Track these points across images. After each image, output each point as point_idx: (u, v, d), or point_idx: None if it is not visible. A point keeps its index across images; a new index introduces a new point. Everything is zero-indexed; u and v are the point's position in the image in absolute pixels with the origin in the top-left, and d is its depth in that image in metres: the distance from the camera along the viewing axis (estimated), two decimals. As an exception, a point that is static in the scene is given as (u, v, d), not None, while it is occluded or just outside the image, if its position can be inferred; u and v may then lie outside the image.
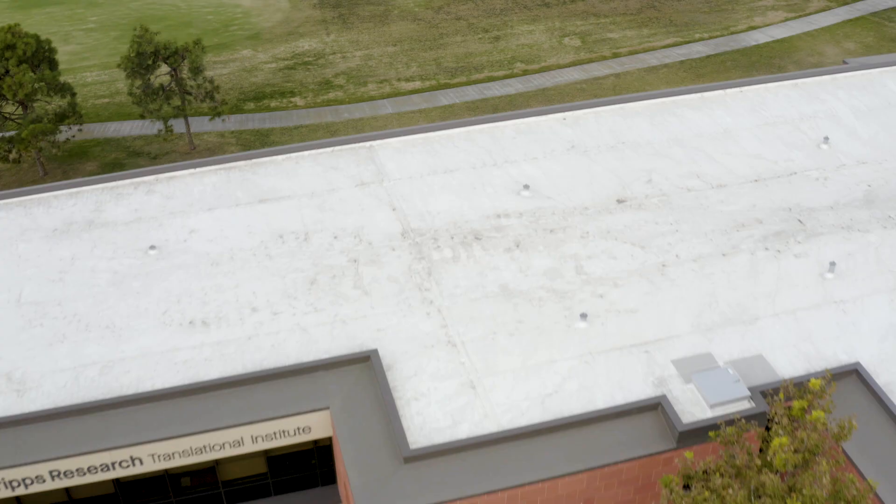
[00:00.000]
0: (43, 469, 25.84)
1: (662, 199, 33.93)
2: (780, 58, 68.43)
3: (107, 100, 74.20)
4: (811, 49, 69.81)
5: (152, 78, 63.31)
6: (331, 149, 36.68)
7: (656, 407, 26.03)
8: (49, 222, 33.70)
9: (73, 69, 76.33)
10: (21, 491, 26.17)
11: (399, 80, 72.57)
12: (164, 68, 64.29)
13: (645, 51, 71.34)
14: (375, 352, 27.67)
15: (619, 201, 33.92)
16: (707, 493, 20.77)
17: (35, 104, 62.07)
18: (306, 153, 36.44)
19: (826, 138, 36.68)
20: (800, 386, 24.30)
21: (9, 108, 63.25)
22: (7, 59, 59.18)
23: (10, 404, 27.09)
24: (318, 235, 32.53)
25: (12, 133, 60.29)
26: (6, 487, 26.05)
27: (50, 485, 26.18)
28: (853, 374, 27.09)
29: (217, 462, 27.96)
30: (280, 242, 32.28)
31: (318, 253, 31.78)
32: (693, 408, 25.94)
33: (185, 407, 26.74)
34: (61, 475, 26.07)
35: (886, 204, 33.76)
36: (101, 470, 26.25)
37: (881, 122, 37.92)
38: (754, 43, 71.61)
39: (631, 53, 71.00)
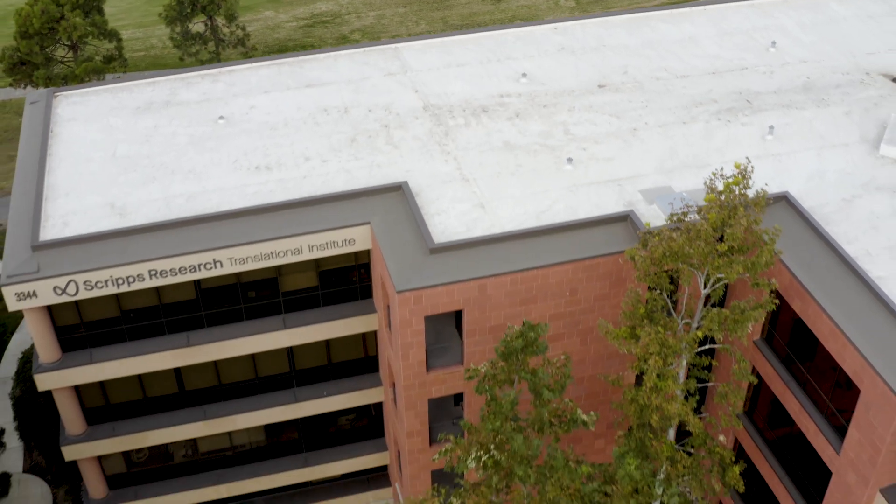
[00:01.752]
0: (143, 268, 33.01)
1: (635, 85, 41.35)
2: None
3: (143, 53, 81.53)
4: None
5: (191, 25, 70.72)
6: (363, 49, 44.11)
7: (625, 218, 33.35)
8: (133, 103, 41.05)
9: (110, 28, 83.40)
10: (125, 288, 33.32)
11: (409, 35, 79.74)
12: (201, 17, 71.57)
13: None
14: (406, 183, 35.02)
15: (600, 86, 41.34)
16: (659, 241, 28.01)
17: (85, 47, 69.49)
18: (343, 52, 43.89)
19: (773, 42, 44.12)
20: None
21: (60, 52, 70.71)
22: (62, 5, 66.42)
23: (116, 222, 34.38)
24: (355, 109, 39.91)
25: (65, 74, 67.69)
26: (113, 284, 33.23)
27: (148, 283, 33.38)
28: (783, 200, 34.42)
29: (279, 273, 35.24)
30: (325, 114, 39.67)
31: (355, 121, 39.17)
32: (654, 219, 33.27)
33: (256, 223, 34.06)
34: (157, 274, 33.24)
35: (821, 91, 41.13)
36: (189, 271, 33.46)
37: (822, 33, 45.31)
38: None
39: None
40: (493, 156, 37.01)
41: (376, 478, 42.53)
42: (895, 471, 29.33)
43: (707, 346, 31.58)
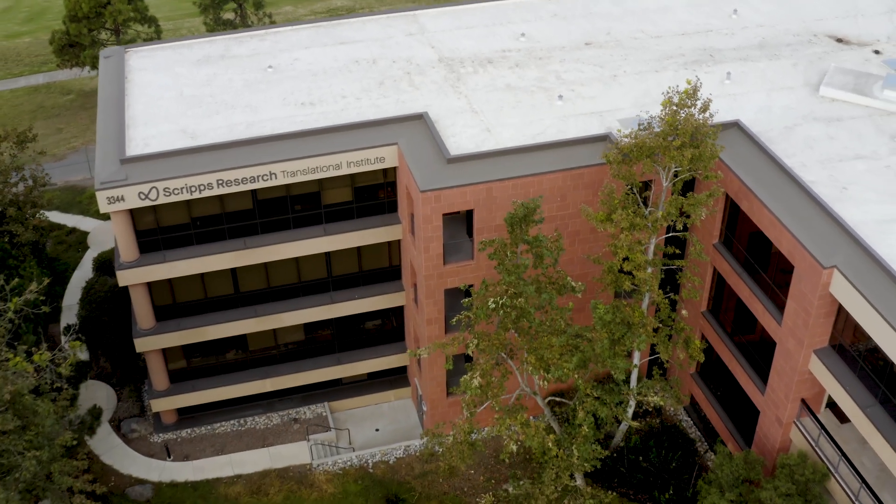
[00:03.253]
0: (212, 178, 40.36)
1: (616, 43, 48.95)
2: None
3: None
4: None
5: (222, 13, 78.33)
6: (387, 15, 51.79)
7: (605, 138, 40.79)
8: (192, 56, 48.59)
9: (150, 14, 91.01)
10: (196, 195, 40.64)
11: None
12: (232, 6, 79.13)
13: None
14: (426, 113, 42.49)
15: (587, 44, 48.93)
16: (628, 139, 35.46)
17: (127, 31, 77.19)
18: (370, 17, 51.57)
19: (735, 10, 51.77)
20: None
21: (102, 37, 78.33)
22: (108, -8, 73.93)
23: (188, 143, 41.79)
24: (381, 61, 47.47)
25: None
26: (186, 192, 40.54)
27: (214, 191, 40.71)
28: (735, 126, 41.87)
29: (321, 187, 42.59)
30: (356, 65, 47.22)
31: (382, 69, 46.72)
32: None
33: (303, 143, 41.47)
34: (224, 183, 40.57)
35: (774, 48, 48.68)
36: (249, 181, 40.80)
37: (778, 3, 52.80)
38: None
39: None
40: (496, 94, 44.55)
41: (397, 379, 49.69)
42: (825, 334, 36.62)
43: (671, 234, 39.04)
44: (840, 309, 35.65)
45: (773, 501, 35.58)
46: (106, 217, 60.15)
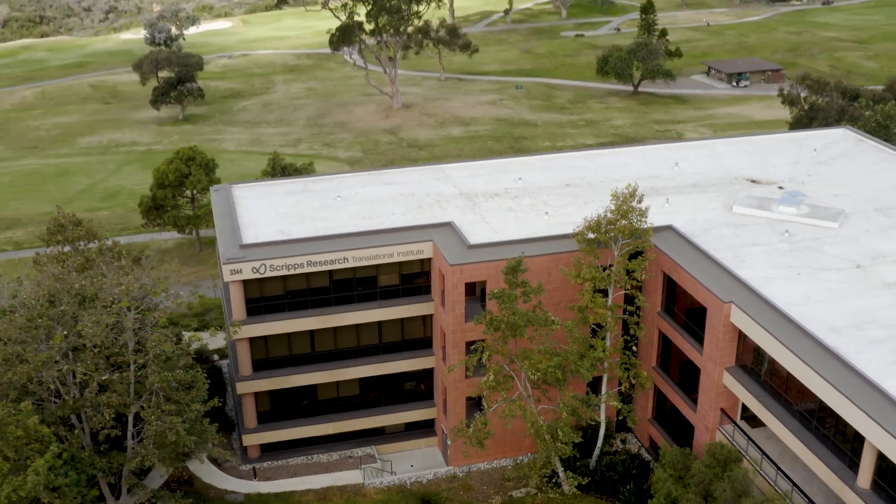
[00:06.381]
0: (303, 259, 57.76)
1: (588, 184, 67.63)
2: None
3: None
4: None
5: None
6: (420, 168, 70.98)
7: (575, 235, 58.42)
8: (281, 190, 67.24)
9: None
10: (291, 272, 57.82)
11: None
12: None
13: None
14: (452, 222, 60.44)
15: (566, 185, 67.64)
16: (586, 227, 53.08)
17: (202, 197, 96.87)
18: (407, 168, 70.76)
19: (677, 163, 70.83)
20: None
21: (180, 202, 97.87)
22: (189, 165, 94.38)
23: (284, 237, 59.48)
24: (418, 194, 66.04)
25: (187, 217, 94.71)
26: (285, 269, 57.75)
27: (304, 269, 57.96)
28: (669, 229, 59.51)
29: (377, 272, 59.84)
30: (401, 196, 65.76)
31: (419, 199, 65.18)
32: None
33: (367, 239, 59.08)
34: (312, 264, 57.93)
35: (704, 187, 67.05)
36: (329, 264, 58.15)
37: (709, 159, 72.03)
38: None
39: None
40: (501, 212, 62.77)
41: (427, 430, 64.83)
42: (731, 355, 52.70)
43: (623, 291, 55.95)
44: (739, 335, 51.96)
45: (701, 471, 50.38)
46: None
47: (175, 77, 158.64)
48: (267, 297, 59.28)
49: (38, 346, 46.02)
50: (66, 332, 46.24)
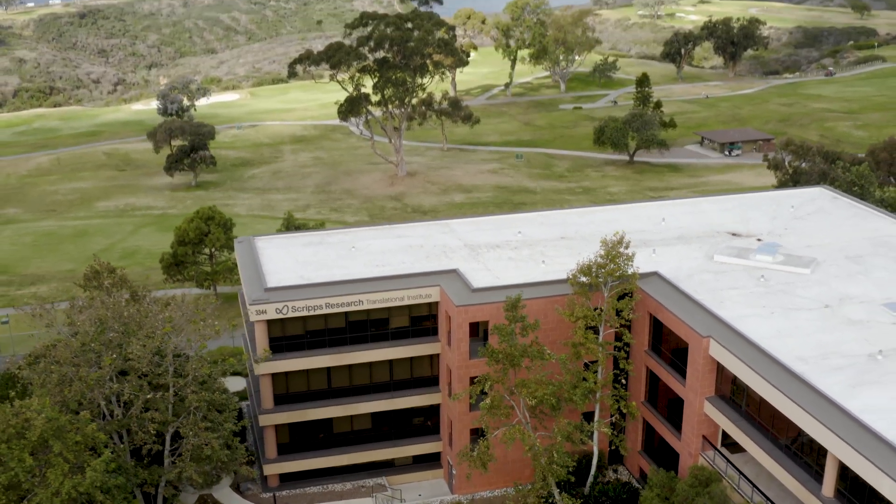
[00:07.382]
0: (321, 301, 63.52)
1: (581, 237, 73.69)
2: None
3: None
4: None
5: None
6: (427, 223, 77.25)
7: (568, 280, 64.25)
8: (299, 242, 73.29)
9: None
10: (311, 313, 63.54)
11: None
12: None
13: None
14: (457, 269, 66.36)
15: (562, 238, 73.73)
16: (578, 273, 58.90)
17: (220, 255, 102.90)
18: (416, 224, 76.97)
19: (664, 219, 77.02)
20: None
21: (199, 259, 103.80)
22: (209, 224, 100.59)
23: (304, 281, 65.27)
24: (426, 246, 72.06)
25: (206, 272, 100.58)
26: (306, 310, 63.48)
27: (323, 311, 63.69)
28: (655, 274, 65.38)
29: (389, 314, 65.52)
30: (410, 248, 71.76)
31: (427, 250, 71.18)
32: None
33: (380, 284, 64.92)
34: (330, 306, 63.68)
35: (687, 238, 73.14)
36: (345, 306, 63.90)
37: (693, 216, 78.25)
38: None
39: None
40: (502, 261, 68.73)
41: (434, 463, 69.80)
42: (711, 385, 58.11)
43: (612, 329, 61.55)
44: (718, 367, 57.44)
45: (684, 490, 55.42)
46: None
47: (188, 145, 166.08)
48: (288, 336, 64.84)
49: (90, 368, 51.64)
50: (114, 356, 51.91)
